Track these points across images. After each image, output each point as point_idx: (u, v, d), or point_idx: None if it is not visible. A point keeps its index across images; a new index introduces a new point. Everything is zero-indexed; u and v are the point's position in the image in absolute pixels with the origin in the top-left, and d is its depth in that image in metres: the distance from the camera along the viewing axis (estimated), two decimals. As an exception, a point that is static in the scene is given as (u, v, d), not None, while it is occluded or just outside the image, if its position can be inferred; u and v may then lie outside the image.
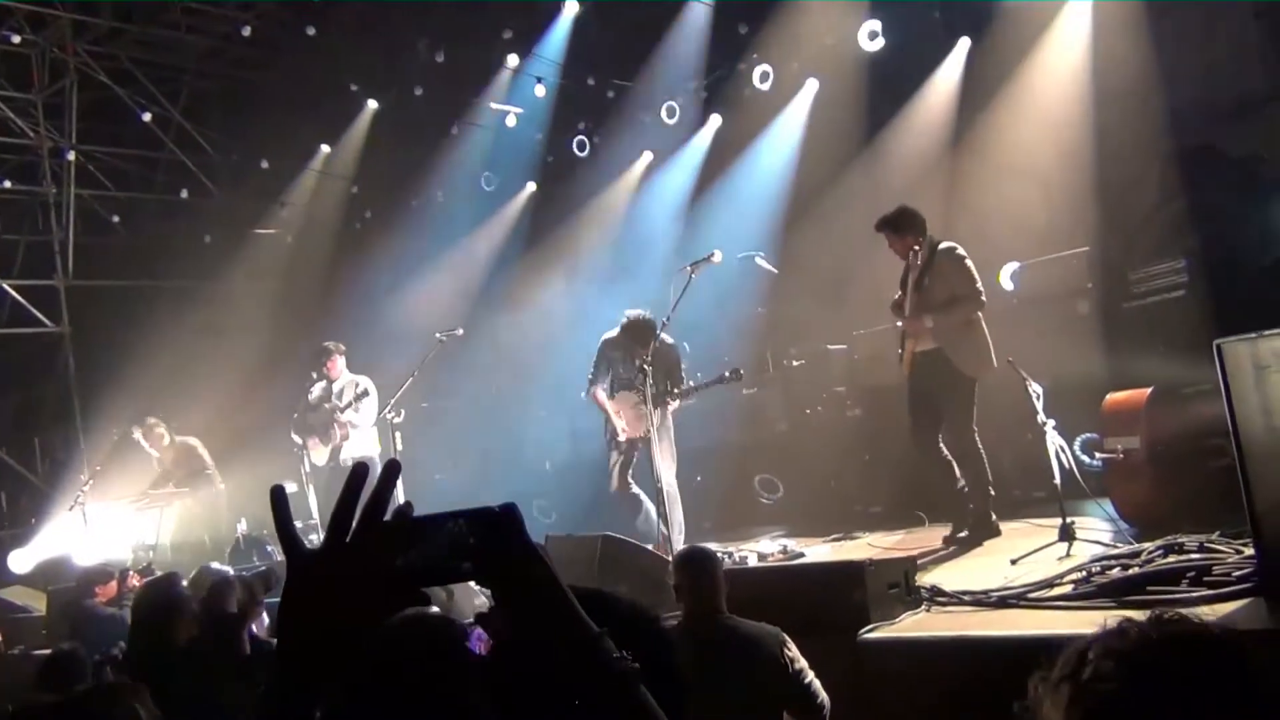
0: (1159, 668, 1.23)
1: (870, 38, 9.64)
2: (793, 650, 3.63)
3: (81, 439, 11.20)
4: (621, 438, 7.62)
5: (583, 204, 11.77)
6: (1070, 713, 1.23)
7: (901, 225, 6.38)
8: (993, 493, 6.27)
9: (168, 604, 4.70)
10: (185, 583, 4.99)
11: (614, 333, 7.72)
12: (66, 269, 12.03)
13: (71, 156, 12.06)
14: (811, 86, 10.69)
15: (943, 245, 6.38)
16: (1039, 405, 5.58)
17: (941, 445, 6.35)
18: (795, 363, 9.32)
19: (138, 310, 11.98)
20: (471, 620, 2.17)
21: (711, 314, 10.65)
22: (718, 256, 7.01)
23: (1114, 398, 5.81)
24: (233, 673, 4.17)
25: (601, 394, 7.68)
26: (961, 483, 6.26)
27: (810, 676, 3.61)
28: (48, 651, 5.23)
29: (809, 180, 10.20)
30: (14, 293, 11.78)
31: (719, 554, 6.65)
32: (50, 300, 11.92)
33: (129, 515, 9.76)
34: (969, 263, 6.34)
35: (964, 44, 9.86)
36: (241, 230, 13.27)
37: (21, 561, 10.06)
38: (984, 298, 6.34)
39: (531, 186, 12.48)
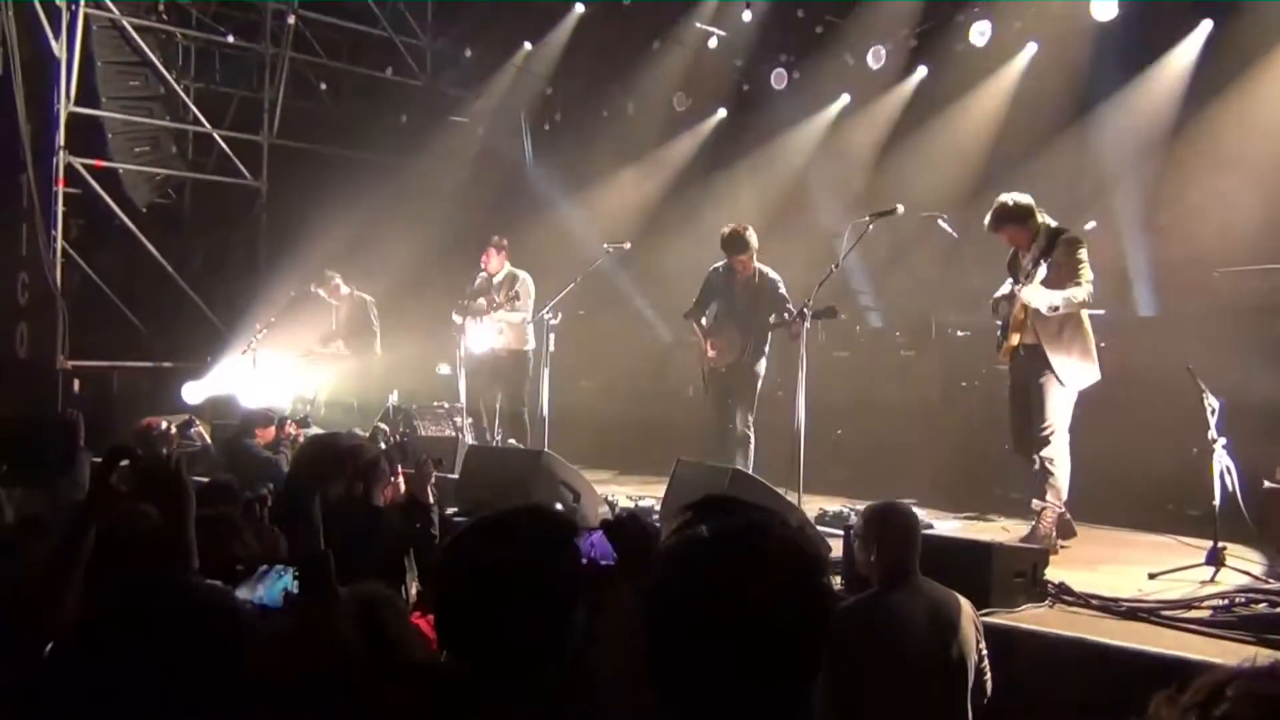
0: None
1: (1102, 7, 9.08)
2: (978, 621, 3.63)
3: (262, 290, 11.84)
4: (709, 366, 7.57)
5: (771, 138, 11.59)
6: None
7: (1025, 215, 6.00)
8: (1061, 509, 5.94)
9: (329, 458, 4.98)
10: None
11: (722, 262, 7.67)
12: (272, 127, 12.63)
13: (291, 20, 12.56)
14: (1030, 50, 10.19)
15: (1064, 234, 6.00)
16: (1213, 420, 5.27)
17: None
18: (960, 333, 9.05)
19: (331, 177, 12.48)
20: (594, 526, 2.23)
21: (882, 269, 10.43)
22: (900, 210, 6.81)
23: (1299, 426, 5.44)
24: (362, 536, 4.41)
25: (700, 323, 7.65)
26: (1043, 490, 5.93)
27: (986, 652, 3.60)
28: (205, 480, 5.60)
29: (1009, 149, 9.76)
30: (222, 143, 12.43)
31: (847, 511, 6.67)
32: (253, 155, 12.55)
33: (293, 367, 10.31)
34: (1085, 252, 5.96)
35: (1205, 26, 9.20)
36: (437, 115, 13.62)
37: (194, 393, 10.77)
38: (1094, 293, 5.97)
39: (722, 113, 12.35)
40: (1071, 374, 5.88)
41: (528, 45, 13.10)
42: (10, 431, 5.92)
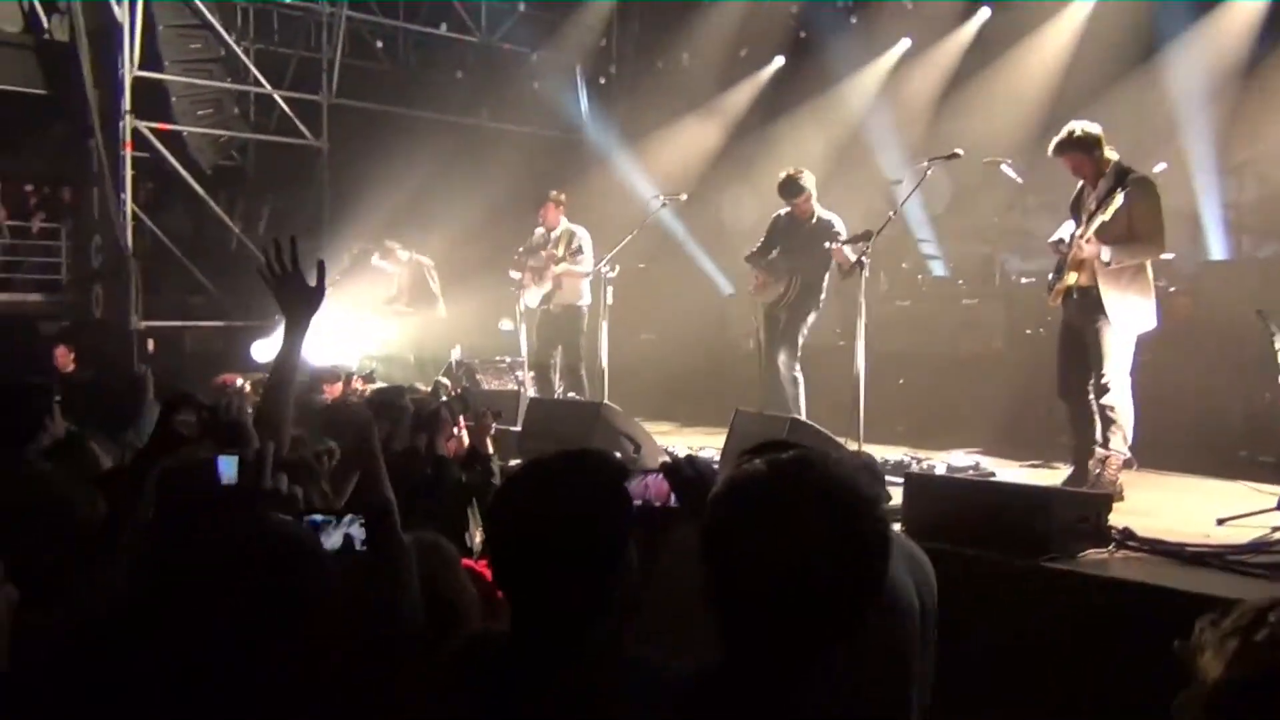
0: None
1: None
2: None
3: (326, 248, 12.02)
4: (760, 306, 7.56)
5: (829, 85, 11.42)
6: (1232, 669, 1.16)
7: (1092, 145, 5.75)
8: (1127, 455, 5.75)
9: (394, 412, 5.10)
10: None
11: (785, 209, 7.63)
12: (331, 87, 12.74)
13: (348, -22, 12.64)
14: (1097, -12, 9.90)
15: (1135, 175, 5.68)
16: (1285, 364, 5.13)
17: (1090, 394, 5.80)
18: (1024, 280, 8.91)
19: (390, 135, 12.58)
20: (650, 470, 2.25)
21: (945, 217, 10.28)
22: (961, 153, 6.68)
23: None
24: (421, 486, 4.51)
25: (759, 266, 7.61)
26: (1099, 441, 5.71)
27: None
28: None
29: (1075, 90, 9.52)
30: (282, 103, 12.58)
31: (908, 459, 6.64)
32: (313, 115, 12.68)
33: (358, 325, 10.47)
34: (1157, 200, 5.65)
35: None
36: (493, 71, 13.63)
37: (262, 351, 10.99)
38: (1165, 247, 5.73)
39: (780, 61, 12.19)
40: (1126, 318, 5.67)
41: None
42: (83, 389, 6.11)
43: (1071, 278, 5.79)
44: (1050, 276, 6.10)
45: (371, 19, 13.40)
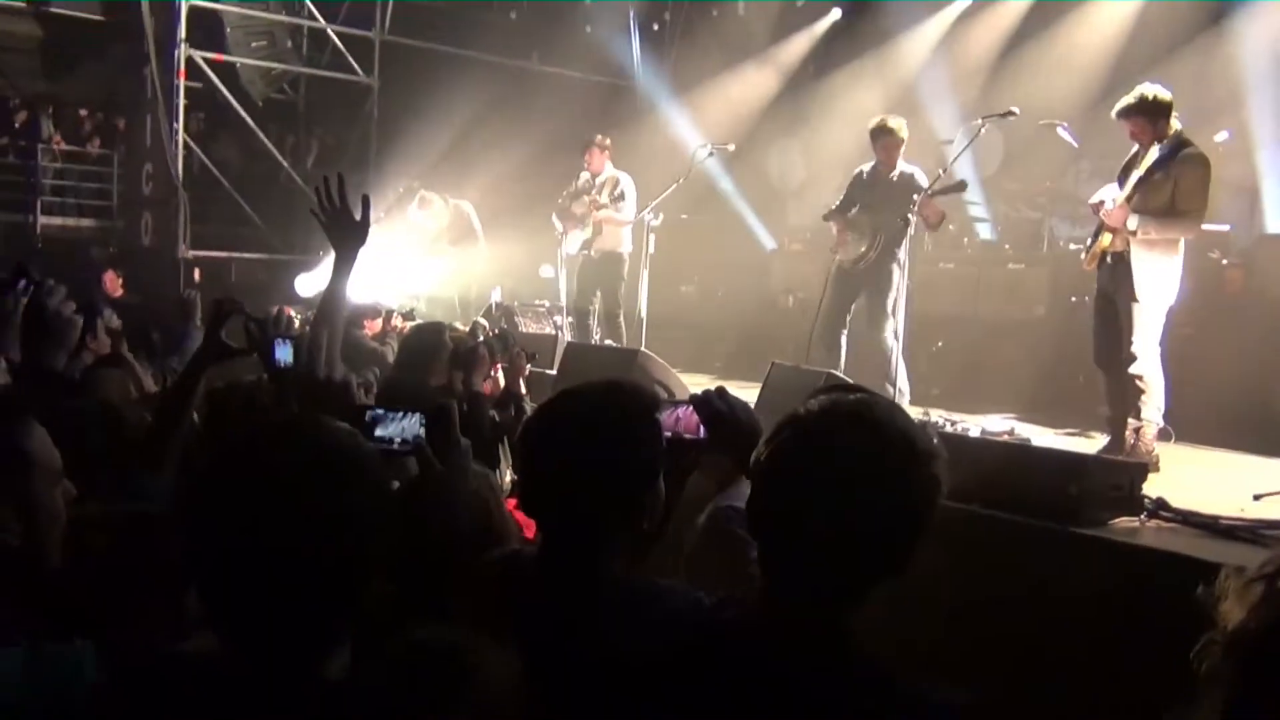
0: None
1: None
2: None
3: (373, 185, 12.07)
4: (834, 262, 7.30)
5: (885, 40, 11.23)
6: (1255, 613, 1.16)
7: (1159, 112, 5.54)
8: (1160, 423, 5.66)
9: (432, 347, 5.15)
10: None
11: (869, 163, 7.39)
12: (384, 24, 12.71)
13: (404, -87, 12.56)
14: (1166, -52, 9.60)
15: (1190, 150, 5.48)
16: (1336, 341, 5.03)
17: (1121, 359, 5.67)
18: (1073, 245, 8.76)
19: (440, 74, 12.55)
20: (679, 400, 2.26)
21: (995, 179, 10.13)
22: (1016, 112, 6.56)
23: None
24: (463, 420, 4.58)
25: (838, 222, 7.35)
26: (1136, 407, 5.60)
27: None
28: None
29: (1139, 53, 9.29)
30: (335, 39, 12.58)
31: (941, 421, 6.60)
32: (365, 51, 12.67)
33: (400, 262, 10.53)
34: (1206, 180, 5.46)
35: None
36: (545, 14, 13.53)
37: (306, 285, 11.10)
38: (1199, 227, 5.59)
39: (836, 13, 11.99)
40: (1151, 289, 5.55)
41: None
42: (131, 312, 6.21)
43: (1106, 239, 5.69)
44: (1089, 240, 6.01)
45: (425, -44, 13.33)
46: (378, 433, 2.13)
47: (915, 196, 6.78)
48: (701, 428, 2.16)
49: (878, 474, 1.46)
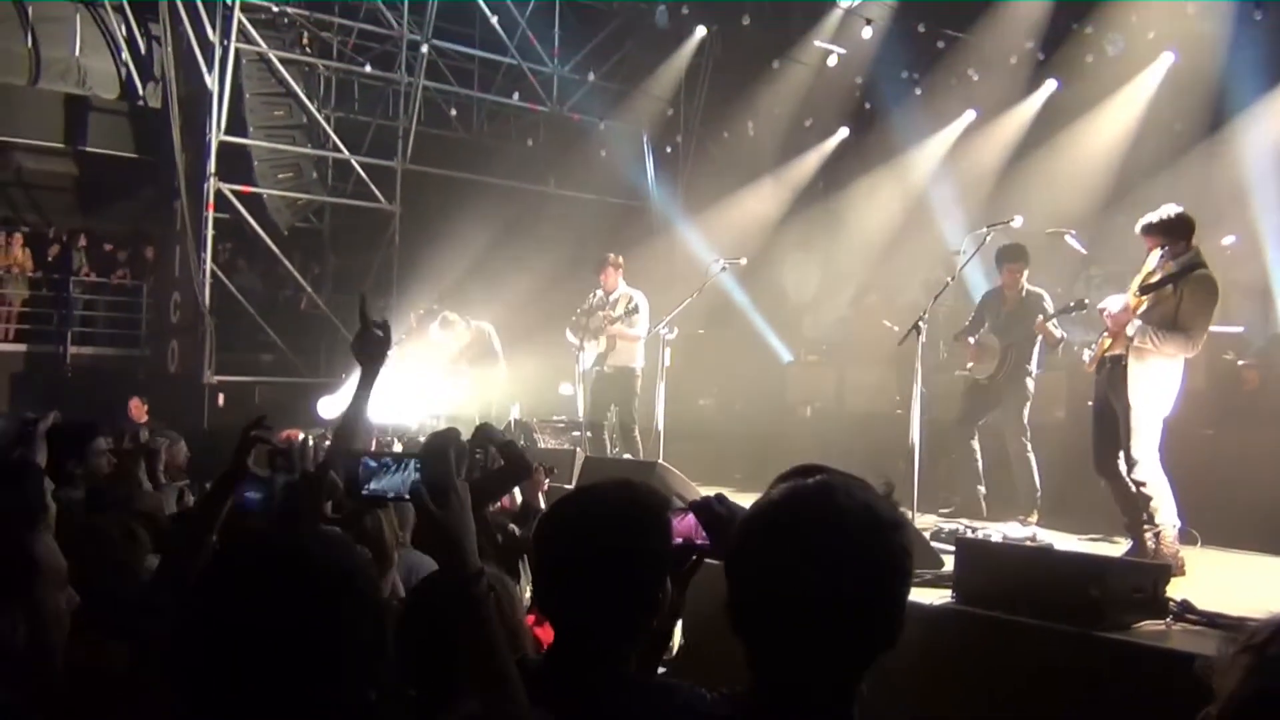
0: None
1: (1242, 13, 8.79)
2: None
3: (395, 309, 12.30)
4: (967, 372, 7.66)
5: (893, 155, 11.51)
6: (1245, 682, 1.17)
7: (1182, 232, 5.57)
8: (1177, 524, 5.54)
9: (459, 448, 5.17)
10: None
11: (998, 284, 7.69)
12: (406, 153, 13.14)
13: (425, 50, 13.08)
14: (1165, 61, 9.89)
15: (1202, 271, 5.51)
16: (1353, 437, 5.00)
17: (1120, 467, 5.66)
18: (1087, 351, 8.77)
19: (461, 200, 12.91)
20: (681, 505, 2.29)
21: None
22: (1018, 221, 6.72)
23: None
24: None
25: (968, 341, 7.70)
26: (1145, 517, 5.53)
27: None
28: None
29: (1140, 162, 9.51)
30: (359, 169, 13.00)
31: (964, 529, 6.54)
32: (388, 180, 13.08)
33: (421, 385, 10.64)
34: (1210, 304, 5.49)
35: (1355, 32, 8.80)
36: (561, 140, 13.96)
37: (328, 408, 11.21)
38: (1197, 349, 5.53)
39: (844, 131, 12.33)
40: (1144, 397, 5.54)
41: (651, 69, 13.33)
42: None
43: (1107, 342, 5.74)
44: (1092, 345, 6.06)
45: (446, 88, 13.84)
46: (371, 486, 2.13)
47: (1039, 317, 7.23)
48: (702, 533, 2.18)
49: (842, 551, 1.46)
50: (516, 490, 5.67)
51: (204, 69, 11.85)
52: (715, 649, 2.08)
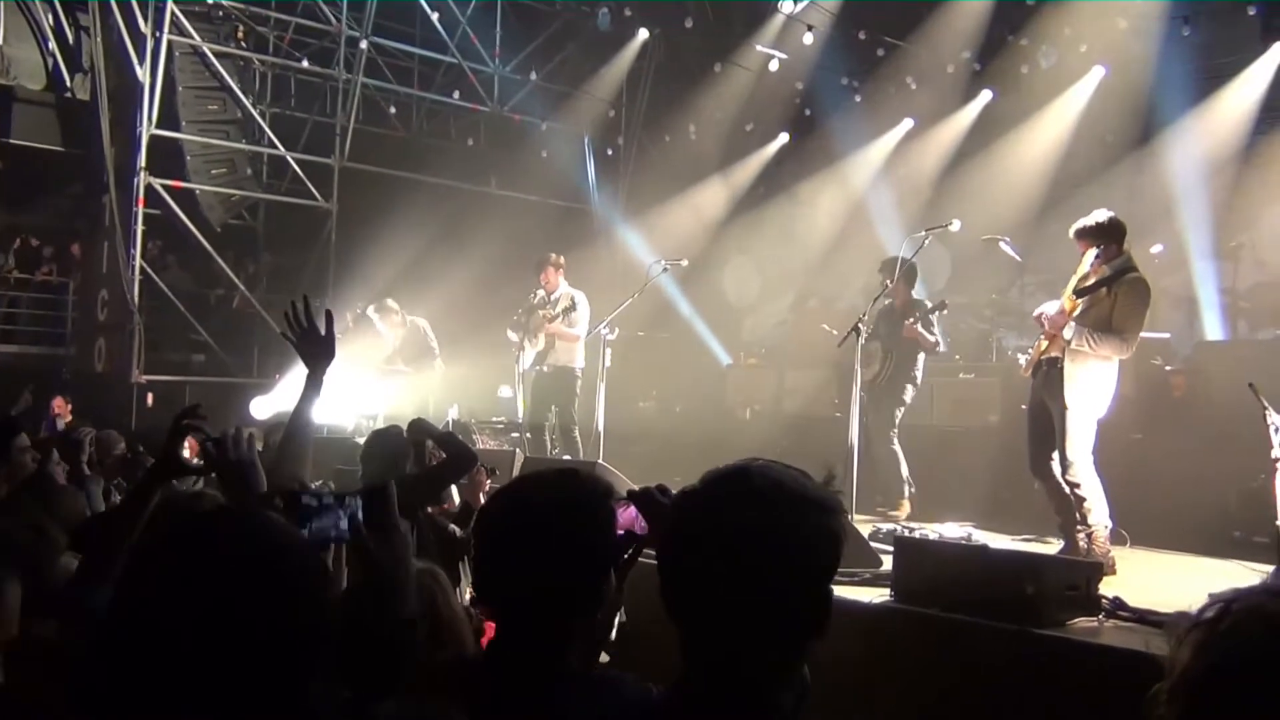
0: None
1: (1172, 28, 9.02)
2: None
3: (330, 308, 12.10)
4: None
5: (833, 161, 11.63)
6: (1197, 658, 1.18)
7: (1113, 236, 5.72)
8: (1109, 525, 5.65)
9: (398, 451, 5.08)
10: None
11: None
12: (343, 151, 12.95)
13: (364, 46, 12.92)
14: (1097, 74, 10.12)
15: (1134, 275, 5.64)
16: (1276, 439, 5.14)
17: (1054, 468, 5.77)
18: (1021, 356, 8.92)
19: (399, 199, 12.75)
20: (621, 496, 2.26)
21: (944, 292, 10.36)
22: (956, 225, 6.81)
23: (1369, 449, 5.28)
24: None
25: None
26: (1078, 518, 5.64)
27: None
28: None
29: (1073, 172, 9.71)
30: (295, 165, 12.79)
31: (902, 529, 6.61)
32: (324, 178, 12.88)
33: (357, 384, 10.49)
34: (1144, 306, 5.63)
35: (1278, 49, 9.08)
36: (502, 140, 13.88)
37: (261, 409, 11.01)
38: (1131, 350, 5.66)
39: (784, 137, 12.42)
40: (1081, 399, 5.65)
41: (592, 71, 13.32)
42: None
43: (1043, 344, 5.83)
44: (1029, 349, 6.16)
45: (386, 86, 13.68)
46: (312, 526, 2.07)
47: (908, 321, 7.55)
48: (643, 522, 2.15)
49: (758, 529, 1.45)
50: (455, 493, 5.61)
51: (135, 61, 11.56)
52: (651, 638, 2.06)
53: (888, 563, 4.99)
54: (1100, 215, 5.79)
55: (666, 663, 1.70)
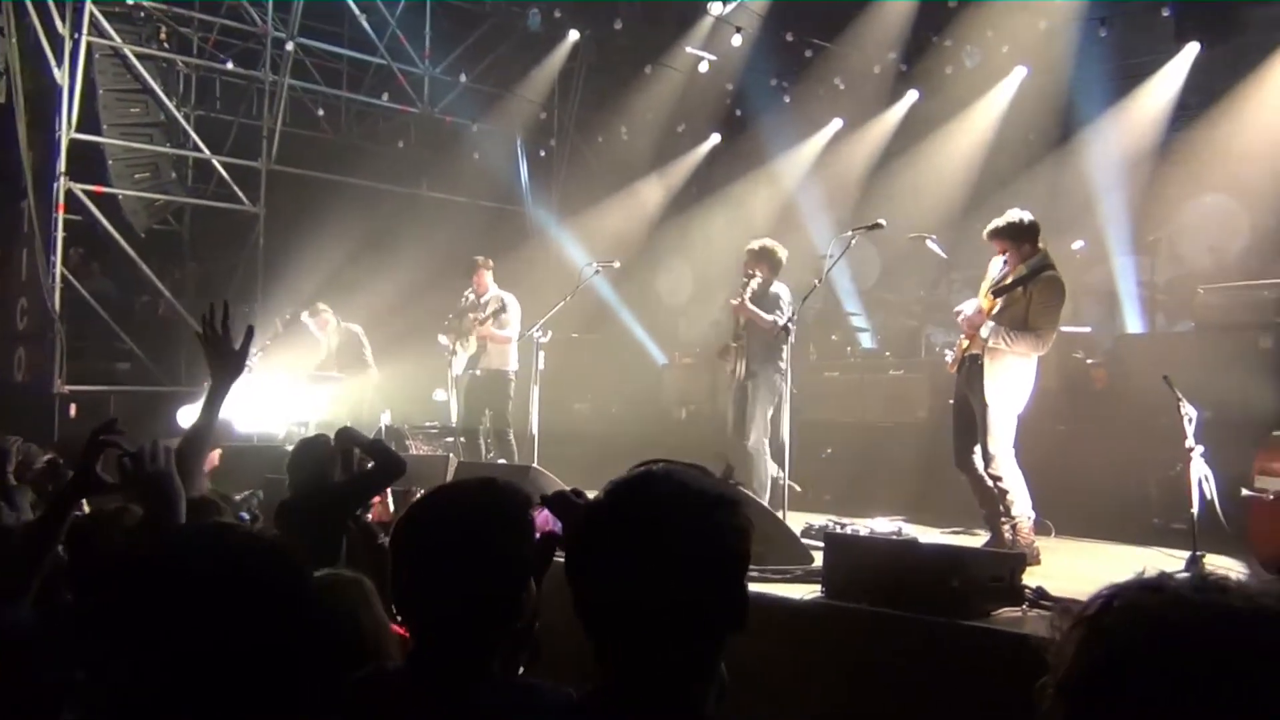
0: (1183, 632, 1.13)
1: (1089, 29, 9.24)
2: None
3: (259, 314, 11.92)
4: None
5: (763, 161, 11.72)
6: (1079, 656, 1.18)
7: (1026, 235, 5.87)
8: (1032, 516, 5.81)
9: (325, 458, 5.03)
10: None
11: None
12: (270, 154, 12.74)
13: (290, 48, 12.71)
14: (1019, 74, 10.33)
15: (1049, 273, 5.80)
16: (1190, 430, 5.30)
17: (977, 462, 5.91)
18: (948, 352, 9.09)
19: (328, 202, 12.58)
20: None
21: (874, 291, 10.52)
22: (883, 224, 6.89)
23: (1278, 435, 5.48)
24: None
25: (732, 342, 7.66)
26: (1002, 510, 5.81)
27: None
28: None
29: (997, 170, 9.90)
30: (221, 169, 12.55)
31: (833, 525, 6.68)
32: (251, 181, 12.65)
33: (289, 391, 10.36)
34: (1058, 304, 5.79)
35: (1191, 49, 9.34)
36: (433, 142, 13.77)
37: (189, 418, 10.79)
38: (1047, 348, 5.83)
39: (716, 138, 12.50)
40: (1000, 393, 5.78)
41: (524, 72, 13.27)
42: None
43: (965, 342, 5.97)
44: (951, 348, 6.28)
45: (314, 87, 13.48)
46: None
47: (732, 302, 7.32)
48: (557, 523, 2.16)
49: (662, 533, 1.46)
50: (389, 500, 5.58)
51: (52, 63, 11.25)
52: (571, 641, 2.07)
53: (819, 559, 5.05)
54: (1012, 215, 5.94)
55: (585, 666, 1.72)
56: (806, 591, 4.76)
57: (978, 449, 5.88)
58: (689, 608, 1.46)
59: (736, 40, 11.09)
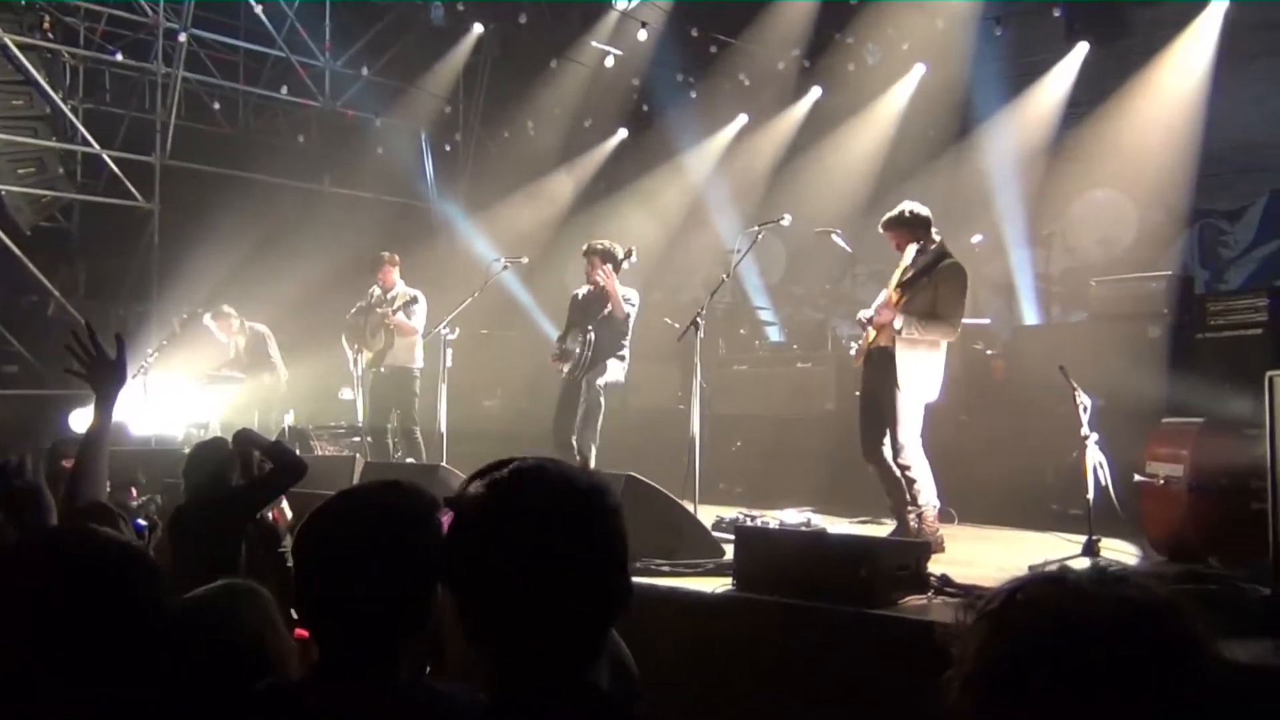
0: (1085, 624, 1.16)
1: (984, 28, 9.48)
2: None
3: (154, 314, 11.54)
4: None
5: (670, 156, 11.76)
6: (982, 650, 1.20)
7: (918, 225, 6.02)
8: (937, 504, 5.94)
9: (224, 461, 4.88)
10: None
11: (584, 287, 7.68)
12: (164, 148, 12.33)
13: (183, 39, 12.32)
14: (918, 71, 10.54)
15: (950, 261, 5.97)
16: (1085, 418, 5.47)
17: (886, 452, 6.03)
18: (854, 344, 9.24)
19: (226, 198, 12.23)
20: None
21: (781, 285, 10.64)
22: (787, 220, 6.96)
23: (1167, 423, 5.69)
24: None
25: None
26: (909, 499, 5.94)
27: None
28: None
29: (898, 165, 10.09)
30: (112, 164, 12.11)
31: (743, 517, 6.73)
32: (145, 176, 12.23)
33: (188, 393, 10.05)
34: (963, 289, 5.95)
35: (1081, 49, 9.64)
36: (336, 136, 13.49)
37: (81, 421, 10.41)
38: (957, 332, 6.00)
39: (623, 133, 12.49)
40: (912, 384, 5.90)
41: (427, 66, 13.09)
42: None
43: (871, 334, 6.07)
44: (857, 340, 6.38)
45: (209, 80, 13.09)
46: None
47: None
48: None
49: (552, 522, 1.46)
50: (285, 504, 5.45)
51: (-72, 54, 10.75)
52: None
53: (729, 552, 5.08)
54: (904, 207, 6.10)
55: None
56: (718, 584, 4.79)
57: (887, 440, 5.98)
58: (569, 599, 1.45)
59: (642, 35, 11.09)
